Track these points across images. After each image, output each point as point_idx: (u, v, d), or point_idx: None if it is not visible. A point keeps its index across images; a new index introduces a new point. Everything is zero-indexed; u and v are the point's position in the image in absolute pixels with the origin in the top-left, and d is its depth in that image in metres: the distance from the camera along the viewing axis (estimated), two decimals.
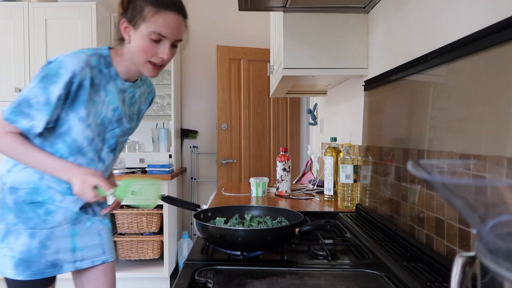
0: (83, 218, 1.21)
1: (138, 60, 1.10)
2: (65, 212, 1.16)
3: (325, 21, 1.61)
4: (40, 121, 1.05)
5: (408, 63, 1.11)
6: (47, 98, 1.04)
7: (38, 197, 1.13)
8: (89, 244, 1.22)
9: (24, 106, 1.04)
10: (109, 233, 1.29)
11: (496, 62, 0.72)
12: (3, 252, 1.12)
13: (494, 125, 0.72)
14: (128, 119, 1.24)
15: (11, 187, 1.13)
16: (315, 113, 2.79)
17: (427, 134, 0.97)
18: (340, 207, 1.63)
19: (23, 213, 1.12)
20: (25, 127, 1.06)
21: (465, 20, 0.88)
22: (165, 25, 1.06)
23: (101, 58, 1.13)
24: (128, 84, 1.19)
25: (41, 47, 2.87)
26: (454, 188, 0.37)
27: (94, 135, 1.15)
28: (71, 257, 1.18)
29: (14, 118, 1.05)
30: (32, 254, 1.11)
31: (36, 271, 1.11)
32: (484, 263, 0.34)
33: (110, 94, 1.15)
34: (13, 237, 1.11)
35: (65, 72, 1.04)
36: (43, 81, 1.05)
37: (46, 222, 1.13)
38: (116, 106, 1.17)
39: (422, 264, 0.91)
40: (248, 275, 0.87)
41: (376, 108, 1.39)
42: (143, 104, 1.32)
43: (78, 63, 1.06)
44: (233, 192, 2.09)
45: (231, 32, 3.64)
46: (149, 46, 1.07)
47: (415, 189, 1.02)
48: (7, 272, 1.11)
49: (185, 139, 3.70)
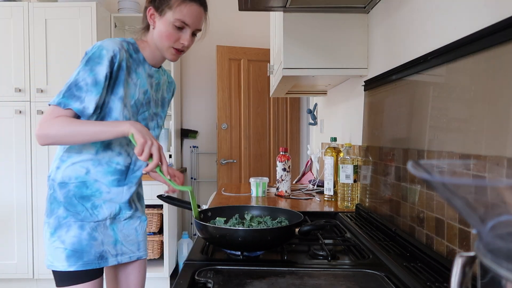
0: (125, 213, 1.25)
1: (162, 45, 1.20)
2: (110, 207, 1.21)
3: (325, 21, 1.61)
4: (90, 101, 1.10)
5: (408, 63, 1.11)
6: (95, 79, 1.10)
7: (86, 191, 1.18)
8: (128, 239, 1.28)
9: (74, 89, 1.09)
10: (145, 230, 1.34)
11: (496, 62, 0.72)
12: (55, 245, 1.16)
13: (494, 125, 0.72)
14: (155, 104, 1.30)
15: (61, 182, 1.18)
16: (315, 113, 2.79)
17: (427, 134, 0.97)
18: (340, 207, 1.63)
19: (73, 206, 1.17)
20: (78, 108, 1.09)
21: (465, 20, 0.88)
22: (189, 14, 1.16)
23: (130, 44, 1.21)
24: (154, 70, 1.27)
25: (41, 47, 2.87)
26: (454, 188, 0.37)
27: (130, 115, 1.20)
28: (114, 250, 1.24)
29: (67, 101, 1.08)
30: (83, 245, 1.16)
31: (87, 262, 1.16)
32: (484, 263, 0.34)
33: (141, 78, 1.22)
34: (64, 230, 1.16)
35: (107, 53, 1.11)
36: (88, 64, 1.10)
37: (93, 215, 1.19)
38: (146, 89, 1.24)
39: (422, 264, 0.91)
40: (248, 275, 0.87)
41: (376, 108, 1.39)
42: (165, 92, 1.38)
43: (116, 45, 1.14)
44: (233, 192, 2.09)
45: (231, 32, 3.64)
46: (172, 32, 1.17)
47: (415, 189, 1.02)
48: (59, 265, 1.15)
49: (185, 139, 3.71)
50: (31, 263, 2.89)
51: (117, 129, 1.08)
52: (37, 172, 2.89)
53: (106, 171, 1.19)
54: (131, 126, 1.07)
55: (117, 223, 1.24)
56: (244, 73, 3.48)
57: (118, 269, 1.34)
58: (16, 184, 2.89)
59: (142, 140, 1.05)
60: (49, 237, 1.17)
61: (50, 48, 2.88)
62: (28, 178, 2.89)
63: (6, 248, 2.89)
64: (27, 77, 2.87)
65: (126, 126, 1.07)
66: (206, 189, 3.70)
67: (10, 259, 2.90)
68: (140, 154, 1.05)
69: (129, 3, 3.24)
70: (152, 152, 1.06)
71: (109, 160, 1.20)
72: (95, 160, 1.18)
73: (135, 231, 1.30)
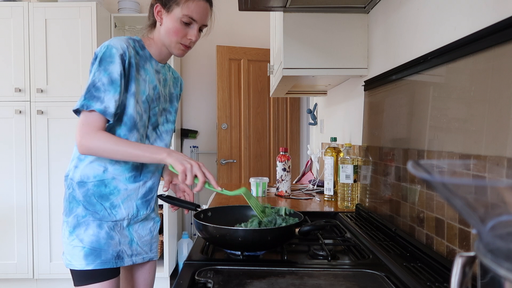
0: (142, 213, 1.26)
1: (169, 41, 1.21)
2: (127, 208, 1.22)
3: (325, 21, 1.61)
4: (110, 100, 1.11)
5: (408, 63, 1.11)
6: (110, 78, 1.11)
7: (105, 189, 1.19)
8: (142, 240, 1.28)
9: (92, 90, 1.11)
10: (157, 231, 1.35)
11: (496, 62, 0.72)
12: (73, 244, 1.17)
13: (494, 125, 0.72)
14: (164, 99, 1.31)
15: (80, 181, 1.19)
16: (315, 113, 2.79)
17: (427, 134, 0.97)
18: (340, 207, 1.63)
19: (92, 205, 1.18)
20: (100, 109, 1.10)
21: (465, 20, 0.88)
22: (196, 10, 1.19)
23: (136, 42, 1.23)
24: (160, 66, 1.29)
25: (41, 47, 2.86)
26: (454, 188, 0.37)
27: (142, 111, 1.21)
28: (130, 250, 1.24)
29: (88, 103, 1.10)
30: (101, 244, 1.17)
31: (105, 260, 1.17)
32: (484, 263, 0.34)
33: (149, 74, 1.23)
34: (83, 228, 1.17)
35: (117, 51, 1.13)
36: (101, 64, 1.12)
37: (111, 215, 1.19)
38: (155, 85, 1.25)
39: (422, 264, 0.91)
40: (248, 275, 0.87)
41: (376, 108, 1.39)
42: (172, 88, 1.39)
43: (123, 42, 1.16)
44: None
45: (231, 32, 3.64)
46: (180, 28, 1.19)
47: (415, 189, 1.02)
48: (77, 264, 1.15)
49: (185, 139, 3.71)
50: (31, 263, 2.89)
51: (155, 156, 1.10)
52: (37, 172, 2.89)
53: (124, 168, 1.21)
54: (168, 156, 1.08)
55: (133, 224, 1.25)
56: (244, 73, 3.48)
57: (130, 269, 1.35)
58: (16, 184, 2.89)
59: (181, 167, 1.06)
60: (68, 236, 1.18)
61: (50, 48, 2.88)
62: (28, 178, 2.89)
63: (6, 248, 2.89)
64: (27, 77, 2.87)
65: (164, 155, 1.09)
66: (206, 189, 3.70)
67: (10, 259, 2.89)
68: (184, 180, 1.07)
69: (129, 3, 3.24)
70: (195, 173, 1.07)
71: None
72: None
73: (149, 231, 1.31)
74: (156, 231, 1.34)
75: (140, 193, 1.25)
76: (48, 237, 2.89)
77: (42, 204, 2.89)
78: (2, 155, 2.88)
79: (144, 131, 1.24)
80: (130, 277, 1.36)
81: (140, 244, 1.27)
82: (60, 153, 2.88)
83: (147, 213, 1.28)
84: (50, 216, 2.89)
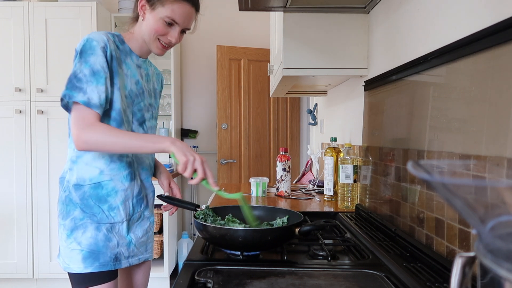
0: (137, 211, 1.25)
1: (149, 37, 1.20)
2: (125, 209, 1.20)
3: (325, 21, 1.61)
4: (93, 92, 1.08)
5: (408, 63, 1.11)
6: (92, 69, 1.10)
7: (101, 191, 1.17)
8: (139, 241, 1.27)
9: (74, 81, 1.09)
10: (152, 231, 1.34)
11: (496, 62, 0.72)
12: (71, 247, 1.15)
13: (494, 125, 0.72)
14: (148, 95, 1.30)
15: (76, 184, 1.17)
16: (315, 113, 2.79)
17: (427, 134, 0.97)
18: (340, 207, 1.63)
19: (89, 208, 1.16)
20: (83, 100, 1.08)
21: (465, 20, 0.88)
22: (180, 13, 1.17)
23: (115, 36, 1.21)
24: (141, 60, 1.27)
25: (41, 47, 2.86)
26: (454, 188, 0.37)
27: (125, 106, 1.19)
28: (127, 252, 1.23)
29: (70, 93, 1.09)
30: (99, 246, 1.16)
31: (103, 263, 1.16)
32: (484, 263, 0.34)
33: (130, 68, 1.22)
34: (81, 231, 1.16)
35: (97, 43, 1.11)
36: (81, 56, 1.11)
37: (109, 217, 1.18)
38: (137, 80, 1.23)
39: (422, 264, 0.91)
40: (248, 275, 0.87)
41: (376, 108, 1.39)
42: (156, 84, 1.38)
43: (103, 35, 1.14)
44: (233, 192, 2.09)
45: (231, 32, 3.64)
46: (161, 27, 1.17)
47: (415, 189, 1.02)
48: (75, 267, 1.14)
49: (185, 139, 3.71)
50: (31, 263, 2.89)
51: (157, 145, 1.07)
52: (37, 172, 2.89)
53: (120, 167, 1.19)
54: (171, 144, 1.05)
55: (131, 224, 1.24)
56: (244, 73, 3.48)
57: (126, 270, 1.34)
58: (16, 184, 2.89)
59: (184, 158, 1.04)
60: (66, 239, 1.16)
61: (50, 48, 2.88)
62: (28, 178, 2.89)
63: (6, 248, 2.89)
64: (27, 77, 2.87)
65: (167, 143, 1.06)
66: (206, 189, 3.70)
67: (10, 258, 2.89)
68: (184, 171, 1.05)
69: (129, 3, 3.24)
70: (195, 167, 1.06)
71: (120, 155, 1.19)
72: (107, 158, 1.17)
73: (145, 232, 1.29)
74: (152, 231, 1.33)
75: (135, 191, 1.24)
76: (48, 237, 2.89)
77: (42, 203, 2.89)
78: (2, 155, 2.88)
79: (129, 127, 1.22)
80: (126, 278, 1.35)
81: (137, 245, 1.26)
82: (60, 153, 2.88)
83: (141, 211, 1.26)
84: (50, 216, 2.89)
